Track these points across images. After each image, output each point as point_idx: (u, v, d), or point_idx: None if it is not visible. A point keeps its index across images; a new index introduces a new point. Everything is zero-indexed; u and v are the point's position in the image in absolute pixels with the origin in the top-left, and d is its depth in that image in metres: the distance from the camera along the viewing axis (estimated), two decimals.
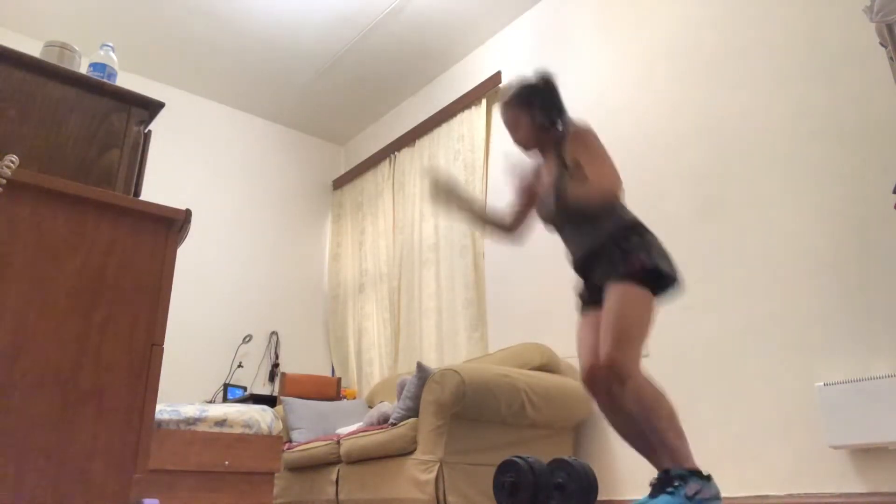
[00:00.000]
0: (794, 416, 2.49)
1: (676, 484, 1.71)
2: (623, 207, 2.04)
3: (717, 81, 3.08)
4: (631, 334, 1.86)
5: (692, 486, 1.70)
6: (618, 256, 1.92)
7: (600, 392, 1.98)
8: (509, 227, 2.32)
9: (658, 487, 1.75)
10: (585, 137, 2.05)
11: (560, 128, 2.16)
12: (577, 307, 2.13)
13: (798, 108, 2.76)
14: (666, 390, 1.83)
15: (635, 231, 1.97)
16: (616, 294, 1.89)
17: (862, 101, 2.56)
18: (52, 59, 1.59)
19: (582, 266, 2.08)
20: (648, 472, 1.81)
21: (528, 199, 2.27)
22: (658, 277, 1.91)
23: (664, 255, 1.96)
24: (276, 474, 2.57)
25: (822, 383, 2.39)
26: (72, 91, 1.55)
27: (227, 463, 2.38)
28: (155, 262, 1.42)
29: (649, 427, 1.80)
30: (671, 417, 1.79)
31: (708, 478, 1.76)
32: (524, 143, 2.22)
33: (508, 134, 2.24)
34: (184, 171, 4.83)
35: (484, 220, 2.33)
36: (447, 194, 2.26)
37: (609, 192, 1.95)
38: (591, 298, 2.04)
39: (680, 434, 1.79)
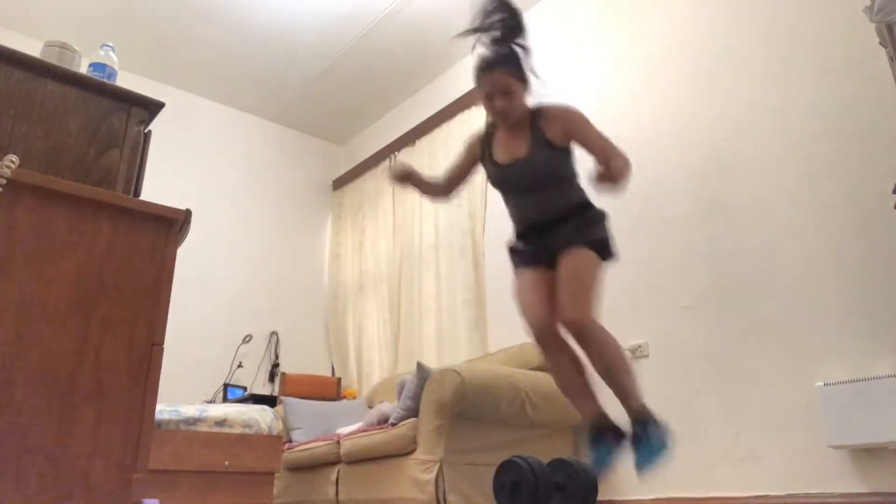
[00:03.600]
0: (794, 416, 2.49)
1: (654, 426, 1.94)
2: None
3: (717, 81, 3.08)
4: (595, 294, 2.04)
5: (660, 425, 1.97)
6: (584, 225, 2.13)
7: (555, 346, 2.09)
8: (445, 191, 2.47)
9: (643, 430, 1.94)
10: (573, 115, 2.19)
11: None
12: (515, 264, 2.26)
13: (798, 107, 2.76)
14: (664, 391, 1.85)
15: (593, 206, 2.21)
16: (583, 258, 2.08)
17: (862, 101, 2.56)
18: (52, 59, 1.59)
19: (541, 228, 2.19)
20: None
21: (469, 167, 2.41)
22: (607, 249, 2.15)
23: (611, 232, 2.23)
24: (276, 474, 2.57)
25: (822, 383, 2.39)
26: (72, 91, 1.55)
27: (227, 463, 2.38)
28: (155, 262, 1.42)
29: (623, 372, 2.00)
30: (629, 361, 2.06)
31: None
32: (511, 114, 2.20)
33: (490, 96, 2.21)
34: (184, 171, 4.83)
35: (428, 189, 2.48)
36: (402, 177, 2.41)
37: (627, 161, 2.04)
38: (537, 259, 2.18)
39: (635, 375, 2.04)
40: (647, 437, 1.90)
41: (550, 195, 2.18)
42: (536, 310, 2.10)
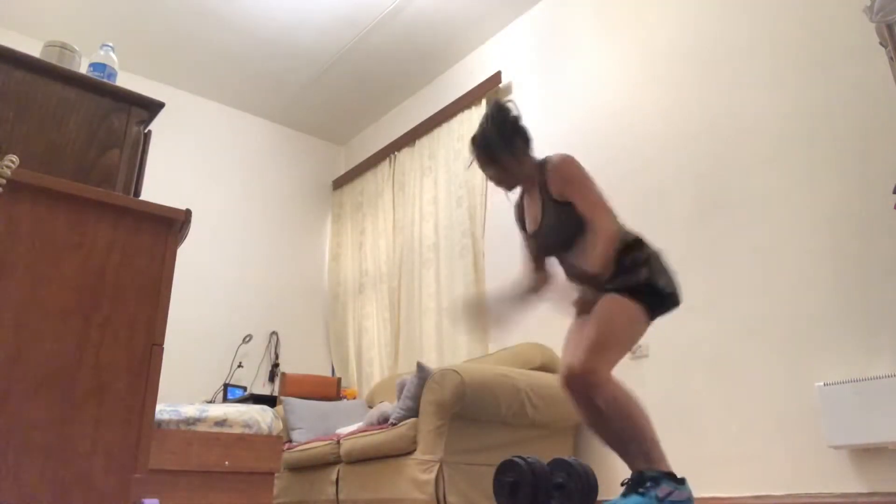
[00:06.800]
0: (794, 416, 2.49)
1: (648, 485, 1.73)
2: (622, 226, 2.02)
3: (716, 81, 3.08)
4: (609, 343, 1.85)
5: (664, 489, 1.72)
6: (619, 270, 1.91)
7: (575, 393, 1.98)
8: (537, 286, 2.21)
9: (630, 487, 1.77)
10: (566, 170, 2.02)
11: (533, 156, 2.14)
12: (572, 312, 2.11)
13: (798, 107, 2.76)
14: (664, 391, 1.83)
15: (636, 247, 1.96)
16: (605, 304, 1.88)
17: (862, 101, 2.56)
18: (52, 59, 1.60)
19: (580, 280, 2.03)
20: None
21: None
22: (653, 293, 1.90)
23: (664, 271, 1.95)
24: (276, 474, 2.57)
25: (822, 383, 2.39)
26: (72, 91, 1.55)
27: (227, 463, 2.38)
28: (155, 262, 1.42)
29: (623, 429, 1.81)
30: (644, 420, 1.80)
31: (682, 481, 1.76)
32: (510, 186, 2.18)
33: (492, 182, 2.21)
34: (184, 171, 4.83)
35: (521, 300, 2.23)
36: (478, 315, 2.23)
37: (613, 238, 1.90)
38: (584, 308, 1.99)
39: (653, 437, 1.80)
40: (633, 492, 1.75)
41: (581, 250, 2.00)
42: (564, 360, 2.03)
